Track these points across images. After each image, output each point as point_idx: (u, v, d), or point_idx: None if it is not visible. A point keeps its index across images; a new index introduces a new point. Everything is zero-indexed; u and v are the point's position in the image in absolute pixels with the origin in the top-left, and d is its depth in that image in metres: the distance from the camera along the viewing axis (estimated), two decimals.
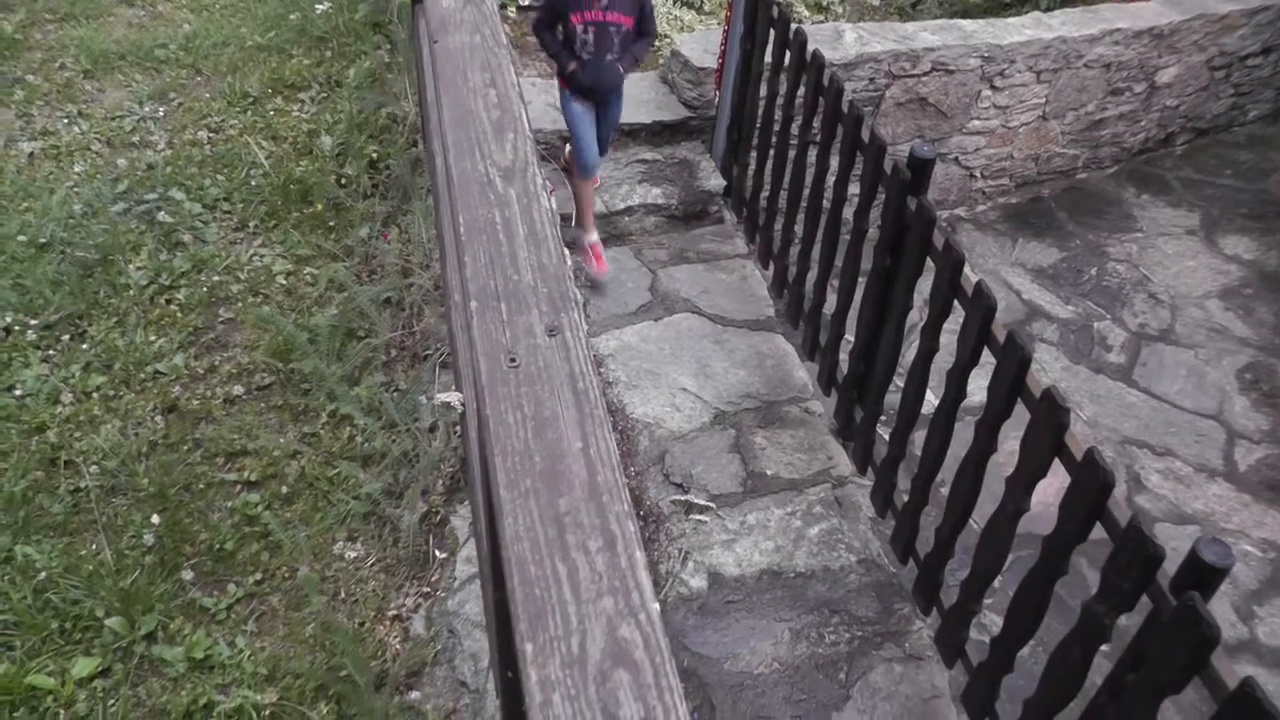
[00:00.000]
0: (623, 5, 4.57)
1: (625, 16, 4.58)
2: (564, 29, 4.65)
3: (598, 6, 4.51)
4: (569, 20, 4.57)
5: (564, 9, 4.56)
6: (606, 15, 4.53)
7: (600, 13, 4.52)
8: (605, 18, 4.54)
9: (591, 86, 4.75)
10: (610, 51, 4.64)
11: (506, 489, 1.25)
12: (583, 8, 4.52)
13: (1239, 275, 6.35)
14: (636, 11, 4.64)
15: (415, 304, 4.80)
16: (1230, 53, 7.10)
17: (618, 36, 4.61)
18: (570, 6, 4.53)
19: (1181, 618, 2.35)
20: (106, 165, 5.72)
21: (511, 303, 1.49)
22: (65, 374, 4.48)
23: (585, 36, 4.57)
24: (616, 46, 4.64)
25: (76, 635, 3.64)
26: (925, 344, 3.66)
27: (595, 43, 4.59)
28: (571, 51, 4.65)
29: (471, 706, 3.36)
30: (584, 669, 1.08)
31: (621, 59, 4.70)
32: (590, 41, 4.58)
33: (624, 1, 4.57)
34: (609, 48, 4.62)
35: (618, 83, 4.83)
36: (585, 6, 4.51)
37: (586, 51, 4.61)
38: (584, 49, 4.61)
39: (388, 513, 4.02)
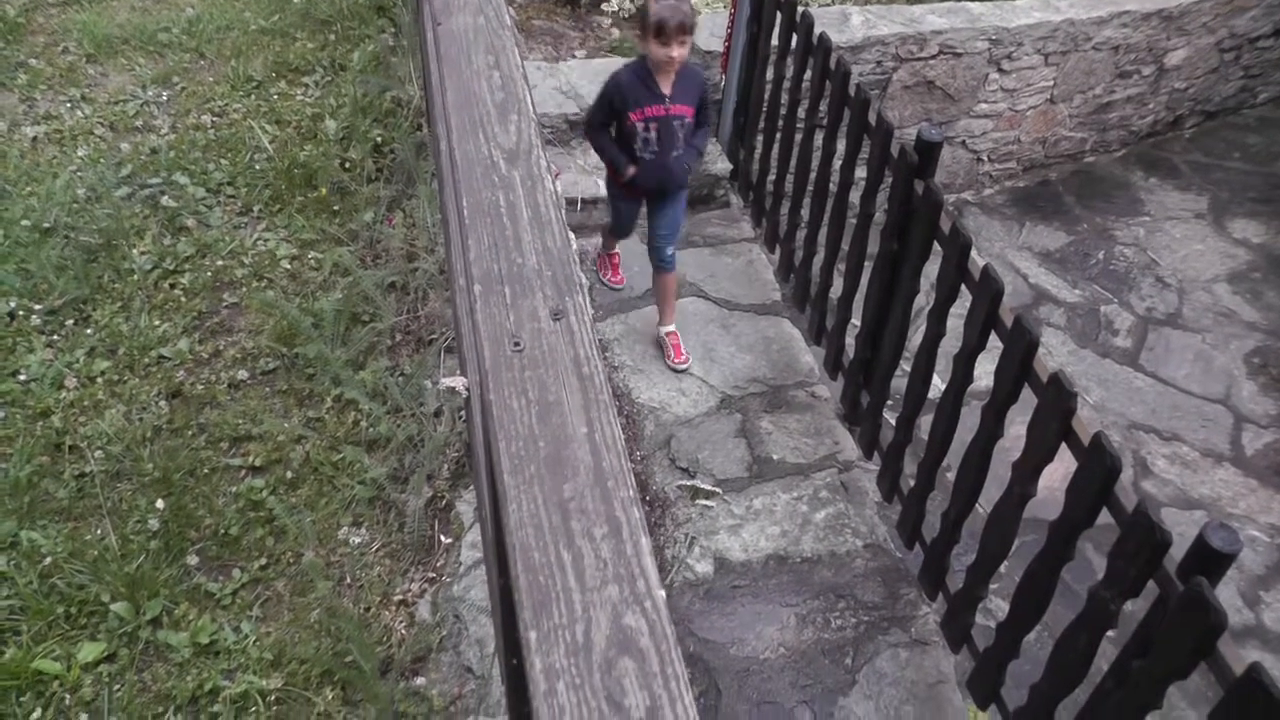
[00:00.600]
0: (686, 94, 4.17)
1: (688, 107, 4.18)
2: (620, 128, 4.22)
3: (660, 100, 4.11)
4: (627, 119, 4.13)
5: (622, 106, 4.12)
6: (671, 108, 4.13)
7: (662, 107, 4.11)
8: (670, 111, 4.13)
9: (654, 188, 4.37)
10: (675, 147, 4.21)
11: (510, 475, 1.24)
12: (643, 103, 4.10)
13: (1247, 259, 6.32)
14: (697, 99, 4.24)
15: (420, 288, 4.78)
16: (1240, 35, 7.05)
17: (682, 130, 4.19)
18: (629, 103, 4.10)
19: (1188, 603, 2.34)
20: (110, 149, 5.71)
21: (516, 286, 1.48)
22: (69, 359, 4.47)
23: (647, 134, 4.14)
24: (681, 141, 4.22)
25: (82, 620, 3.64)
26: (932, 328, 3.65)
27: (659, 140, 4.16)
28: (630, 152, 4.23)
29: (477, 692, 3.36)
30: (588, 657, 1.07)
31: (686, 154, 4.28)
32: (653, 139, 4.16)
33: (687, 90, 4.17)
34: (674, 143, 4.20)
35: (684, 181, 4.41)
36: (646, 101, 4.10)
37: (649, 151, 4.19)
38: (646, 149, 4.18)
39: (393, 498, 4.01)
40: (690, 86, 4.17)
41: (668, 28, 3.90)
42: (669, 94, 4.11)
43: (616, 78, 4.13)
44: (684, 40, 3.95)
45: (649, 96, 4.09)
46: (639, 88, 4.09)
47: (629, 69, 4.16)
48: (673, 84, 4.11)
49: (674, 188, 4.38)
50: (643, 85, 4.09)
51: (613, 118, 4.20)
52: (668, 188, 4.36)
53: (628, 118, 4.11)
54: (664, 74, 4.09)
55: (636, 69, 4.13)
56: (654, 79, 4.09)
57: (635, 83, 4.10)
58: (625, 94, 4.09)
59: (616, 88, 4.11)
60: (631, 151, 4.20)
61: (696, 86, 4.21)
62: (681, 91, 4.13)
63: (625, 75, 4.13)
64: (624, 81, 4.11)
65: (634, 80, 4.10)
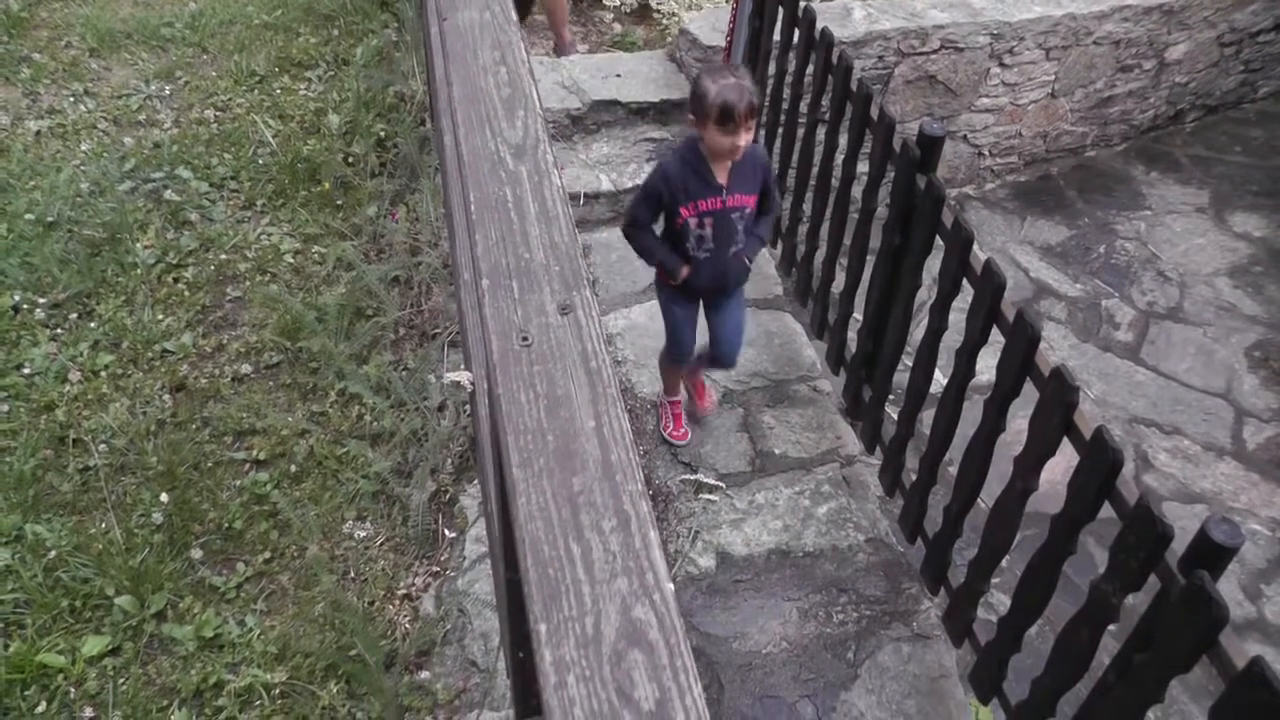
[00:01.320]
0: (745, 182, 3.57)
1: (748, 195, 3.59)
2: (668, 224, 3.65)
3: (716, 191, 3.52)
4: (676, 215, 3.55)
5: (671, 202, 3.53)
6: (728, 200, 3.54)
7: (718, 199, 3.53)
8: (727, 203, 3.55)
9: (710, 288, 3.83)
10: (734, 242, 3.65)
11: (519, 468, 1.25)
12: (695, 196, 3.51)
13: (1248, 253, 6.32)
14: (760, 184, 3.65)
15: (424, 282, 4.79)
16: (1241, 29, 7.05)
17: (741, 222, 3.62)
18: (679, 197, 3.51)
19: (1190, 597, 2.34)
20: (113, 144, 5.72)
21: (523, 281, 1.49)
22: (73, 352, 4.49)
23: (701, 232, 3.57)
24: (740, 234, 3.65)
25: (86, 614, 3.66)
26: (934, 322, 3.65)
27: (715, 236, 3.59)
28: (681, 252, 3.66)
29: (481, 686, 3.37)
30: (598, 650, 1.08)
31: (746, 247, 3.72)
32: (708, 236, 3.58)
33: (746, 177, 3.57)
34: (732, 238, 3.63)
35: (744, 278, 3.88)
36: (699, 194, 3.51)
37: (704, 250, 3.62)
38: (700, 247, 3.61)
39: (397, 492, 4.03)
40: (751, 170, 3.58)
41: (735, 113, 3.30)
42: (726, 183, 3.52)
43: (664, 169, 3.53)
44: (751, 125, 3.38)
45: (703, 188, 3.50)
46: (690, 178, 3.50)
47: (677, 157, 3.54)
48: (730, 170, 3.52)
49: (733, 286, 3.88)
50: (695, 175, 3.50)
51: (659, 214, 3.63)
52: (726, 286, 3.84)
53: (678, 213, 3.54)
54: (720, 160, 3.49)
55: (686, 156, 3.52)
56: (708, 166, 3.49)
57: (686, 172, 3.50)
58: (674, 187, 3.50)
59: (664, 180, 3.51)
60: (683, 250, 3.65)
61: (759, 169, 3.63)
62: (741, 178, 3.55)
63: (673, 165, 3.52)
64: (672, 173, 3.50)
65: (684, 170, 3.50)
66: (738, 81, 3.31)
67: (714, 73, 3.37)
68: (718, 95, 3.29)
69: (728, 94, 3.28)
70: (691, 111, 3.41)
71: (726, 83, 3.29)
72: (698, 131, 3.44)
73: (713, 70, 3.39)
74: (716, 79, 3.32)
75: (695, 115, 3.40)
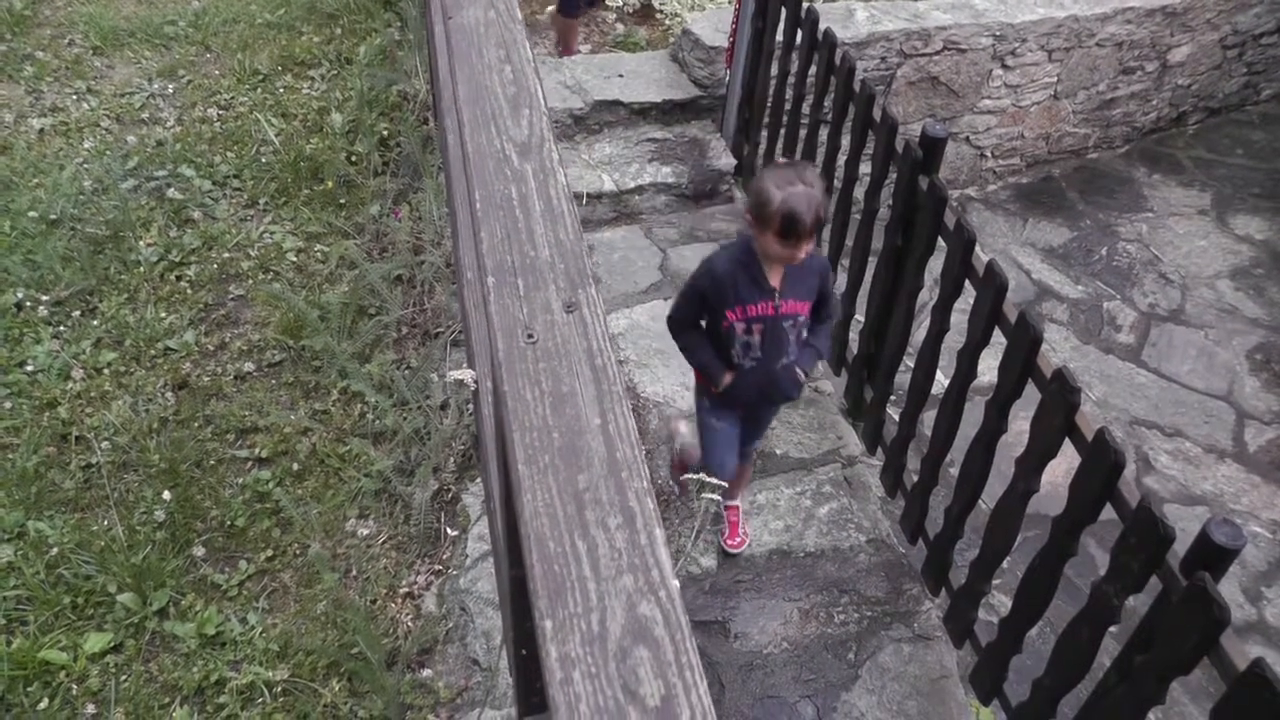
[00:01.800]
0: (801, 286, 3.21)
1: (802, 302, 3.23)
2: (712, 325, 3.26)
3: (767, 296, 3.15)
4: (722, 317, 3.18)
5: (718, 302, 3.17)
6: (781, 307, 3.17)
7: (769, 304, 3.16)
8: (779, 310, 3.18)
9: (755, 401, 3.49)
10: (785, 354, 3.27)
11: (525, 465, 1.25)
12: (744, 300, 3.14)
13: (1250, 255, 6.32)
14: (815, 291, 3.28)
15: (426, 281, 4.80)
16: (1244, 31, 7.05)
17: (794, 331, 3.25)
18: (726, 299, 3.15)
19: (1191, 599, 2.35)
20: (116, 142, 5.73)
21: (529, 278, 1.49)
22: (76, 350, 4.49)
23: (749, 338, 3.20)
24: (793, 345, 3.28)
25: (89, 611, 3.67)
26: (936, 323, 3.66)
27: (764, 345, 3.22)
28: (726, 357, 3.28)
29: (484, 684, 3.38)
30: (604, 646, 1.08)
31: (800, 358, 3.34)
32: (756, 345, 3.22)
33: (802, 281, 3.21)
34: (784, 348, 3.26)
35: (796, 393, 3.47)
36: (749, 297, 3.14)
37: (750, 358, 3.25)
38: (746, 354, 3.24)
39: (399, 490, 4.03)
40: (807, 276, 3.22)
41: (801, 228, 2.95)
42: (780, 287, 3.16)
43: (711, 267, 3.18)
44: (814, 236, 3.06)
45: (753, 291, 3.14)
46: (741, 280, 3.14)
47: (728, 255, 3.19)
48: (784, 273, 3.17)
49: (782, 401, 3.58)
50: (745, 275, 3.14)
51: (704, 313, 3.28)
52: (774, 400, 3.54)
53: (724, 315, 3.18)
54: (775, 264, 3.15)
55: (739, 256, 3.16)
56: (761, 267, 3.13)
57: (736, 273, 3.14)
58: (722, 288, 3.14)
59: (711, 279, 3.16)
60: (728, 356, 3.28)
61: (817, 275, 3.26)
62: (796, 283, 3.20)
63: (722, 263, 3.16)
64: (721, 272, 3.14)
65: (734, 270, 3.14)
66: (806, 190, 2.95)
67: (778, 175, 2.99)
68: (783, 204, 2.93)
69: (795, 203, 2.93)
70: (750, 212, 3.06)
71: (794, 190, 2.93)
72: (753, 232, 3.08)
73: (777, 172, 3.01)
74: (782, 184, 2.95)
75: (754, 219, 3.03)
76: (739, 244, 3.20)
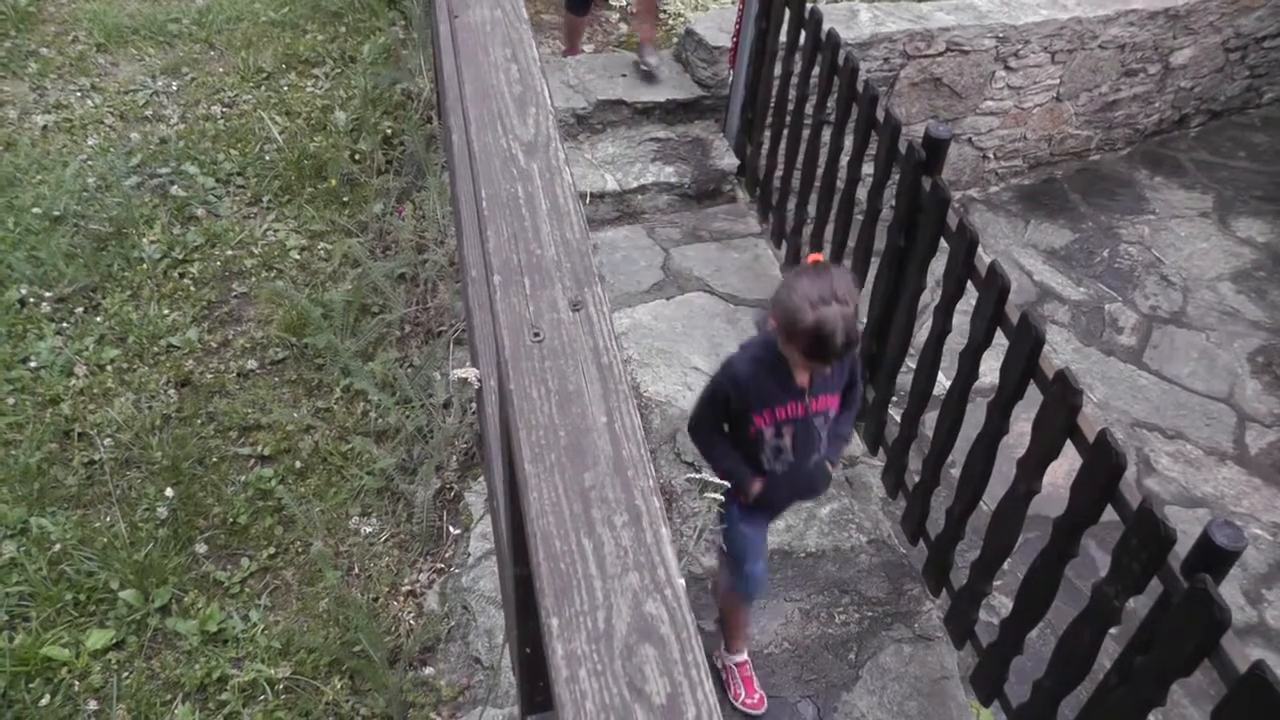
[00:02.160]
0: (830, 380, 2.97)
1: (833, 395, 3.00)
2: (738, 431, 3.00)
3: (797, 397, 2.91)
4: (749, 423, 2.93)
5: (742, 407, 2.91)
6: (811, 405, 2.93)
7: (799, 405, 2.91)
8: (811, 409, 2.94)
9: (787, 502, 3.29)
10: (816, 450, 3.04)
11: (531, 463, 1.26)
12: (771, 403, 2.89)
13: (1252, 258, 6.33)
14: (846, 377, 3.07)
15: (430, 280, 4.80)
16: (1246, 34, 7.06)
17: (825, 427, 3.03)
18: (753, 404, 2.90)
19: (1192, 600, 2.36)
20: (120, 139, 5.73)
21: (535, 277, 1.50)
22: (79, 346, 4.50)
23: (779, 442, 2.96)
24: (823, 440, 3.04)
25: (91, 607, 3.67)
26: (938, 324, 3.66)
27: (796, 447, 2.98)
28: (754, 462, 3.02)
29: (486, 683, 3.38)
30: (610, 644, 1.09)
31: (830, 450, 3.13)
32: (788, 448, 2.97)
33: (832, 374, 2.96)
34: (815, 446, 3.02)
35: (827, 485, 3.29)
36: (776, 401, 2.90)
37: (781, 462, 3.00)
38: (777, 458, 2.99)
39: (401, 488, 4.03)
40: (838, 366, 2.96)
41: (830, 352, 2.67)
42: (809, 386, 2.91)
43: (733, 371, 2.91)
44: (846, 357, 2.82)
45: (782, 394, 2.89)
46: (767, 383, 2.89)
47: (749, 357, 2.92)
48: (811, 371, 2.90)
49: (810, 497, 3.38)
50: (771, 378, 2.88)
51: (727, 418, 3.01)
52: (804, 498, 3.34)
53: (750, 422, 2.93)
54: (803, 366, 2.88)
55: (761, 357, 2.89)
56: (787, 368, 2.87)
57: (760, 375, 2.88)
58: (746, 393, 2.89)
59: (734, 385, 2.90)
60: (756, 461, 3.01)
61: (846, 363, 3.01)
62: (825, 378, 2.95)
63: (744, 366, 2.90)
64: (744, 376, 2.89)
65: (758, 373, 2.88)
66: (840, 309, 2.61)
67: (811, 287, 2.65)
68: (814, 324, 2.61)
69: (829, 321, 2.60)
70: (775, 318, 2.75)
71: (827, 311, 2.60)
72: (778, 337, 2.79)
73: (809, 282, 2.66)
74: (816, 302, 2.61)
75: (780, 327, 2.74)
76: (761, 342, 2.91)
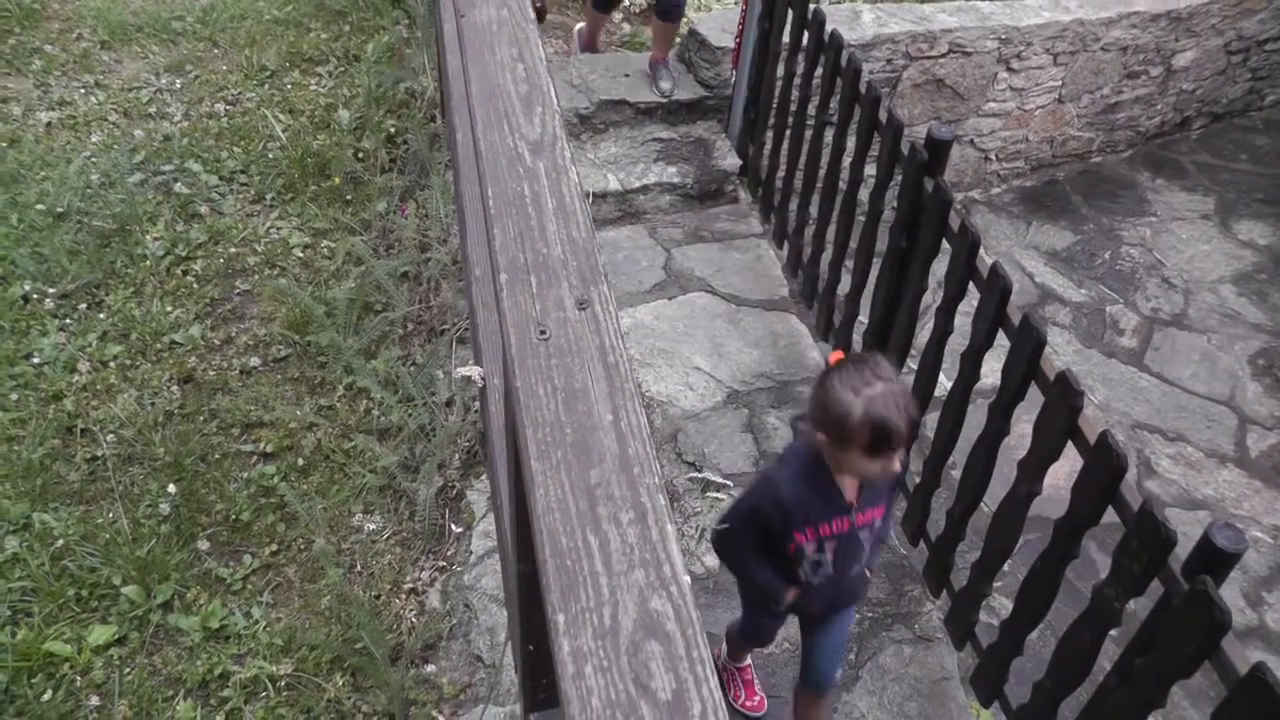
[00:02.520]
0: (881, 490, 2.69)
1: (879, 506, 2.72)
2: (772, 545, 2.70)
3: (843, 511, 2.62)
4: (789, 540, 2.65)
5: (783, 525, 2.62)
6: (859, 519, 2.65)
7: (845, 520, 2.63)
8: (858, 523, 2.65)
9: (822, 612, 2.95)
10: (858, 560, 2.78)
11: (538, 460, 1.26)
12: (815, 520, 2.61)
13: (1253, 260, 6.33)
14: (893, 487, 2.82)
15: (433, 278, 4.81)
16: (1249, 37, 7.07)
17: (870, 538, 2.75)
18: (794, 521, 2.61)
19: (1193, 602, 2.36)
20: (123, 136, 5.73)
21: (541, 275, 1.51)
22: (82, 343, 4.50)
23: (820, 556, 2.68)
24: (866, 550, 2.77)
25: (93, 603, 3.68)
26: (939, 325, 3.66)
27: (837, 560, 2.70)
28: (790, 574, 2.75)
29: (487, 680, 3.39)
30: (616, 640, 1.10)
31: (871, 558, 2.85)
32: (828, 562, 2.69)
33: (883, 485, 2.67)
34: (858, 558, 2.76)
35: (865, 593, 3.14)
36: (820, 518, 2.61)
37: (820, 575, 2.72)
38: (816, 572, 2.71)
39: (404, 486, 4.04)
40: None
41: (895, 435, 2.37)
42: (856, 500, 2.63)
43: (775, 492, 2.62)
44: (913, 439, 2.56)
45: (826, 508, 2.61)
46: (810, 498, 2.60)
47: (792, 473, 2.63)
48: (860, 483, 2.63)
49: (847, 605, 3.00)
50: (816, 494, 2.60)
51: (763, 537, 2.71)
52: (840, 607, 2.97)
53: (790, 538, 2.65)
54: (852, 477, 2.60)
55: (804, 471, 2.61)
56: (833, 482, 2.59)
57: (804, 493, 2.60)
58: (789, 510, 2.60)
59: (775, 506, 2.61)
60: (792, 573, 2.75)
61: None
62: (877, 488, 2.67)
63: (788, 486, 2.61)
64: (788, 497, 2.60)
65: (801, 489, 2.60)
66: (887, 387, 2.37)
67: (848, 378, 2.41)
68: (868, 414, 2.35)
69: (882, 409, 2.35)
70: (821, 429, 2.47)
71: (874, 393, 2.36)
72: (825, 448, 2.52)
73: (844, 374, 2.42)
74: (858, 388, 2.37)
75: (829, 436, 2.45)
76: (802, 456, 2.62)
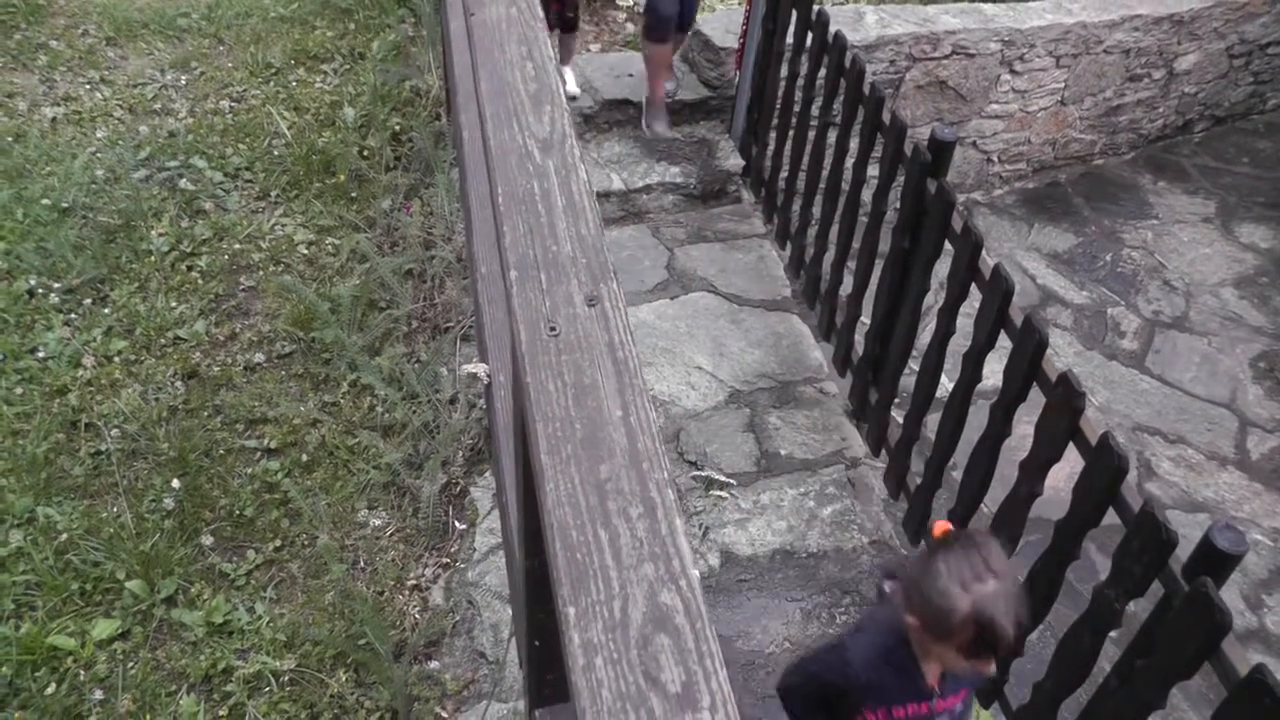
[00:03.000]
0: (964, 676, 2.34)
1: (963, 690, 2.41)
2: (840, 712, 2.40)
3: (924, 697, 2.32)
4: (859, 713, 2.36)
5: (859, 699, 2.34)
6: (939, 705, 2.34)
7: (924, 705, 2.33)
8: (936, 709, 2.35)
9: None
10: None
11: (547, 455, 1.28)
12: (890, 701, 2.32)
13: (1254, 263, 6.34)
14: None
15: (437, 276, 4.82)
16: (1251, 40, 7.07)
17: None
18: (863, 700, 2.33)
19: (1193, 604, 2.37)
20: (128, 132, 5.75)
21: (551, 272, 1.52)
22: (87, 338, 4.52)
23: None
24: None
25: (97, 597, 3.69)
26: (941, 326, 3.67)
27: None
28: None
29: (491, 677, 3.40)
30: (626, 633, 1.11)
31: None
32: None
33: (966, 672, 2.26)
34: None
35: None
36: (896, 700, 2.32)
37: None
38: None
39: (408, 483, 4.05)
40: None
41: (1001, 637, 2.05)
42: (939, 686, 2.33)
43: (848, 667, 2.32)
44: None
45: (905, 692, 2.32)
46: (888, 678, 2.31)
47: (870, 648, 2.32)
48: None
49: None
50: (895, 674, 2.30)
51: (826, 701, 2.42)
52: None
53: (860, 713, 2.36)
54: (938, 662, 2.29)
55: (887, 651, 2.31)
56: (917, 664, 2.29)
57: (882, 671, 2.30)
58: (864, 688, 2.32)
59: (845, 680, 2.33)
60: None
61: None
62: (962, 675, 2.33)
63: (863, 663, 2.31)
64: (859, 668, 2.31)
65: (879, 666, 2.30)
66: (999, 587, 2.06)
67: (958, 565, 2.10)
68: (977, 614, 2.04)
69: (991, 611, 2.03)
70: (917, 614, 2.17)
71: (985, 591, 2.05)
72: (915, 633, 2.23)
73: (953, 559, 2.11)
74: (968, 581, 2.07)
75: (924, 624, 2.16)
76: (885, 631, 2.32)
